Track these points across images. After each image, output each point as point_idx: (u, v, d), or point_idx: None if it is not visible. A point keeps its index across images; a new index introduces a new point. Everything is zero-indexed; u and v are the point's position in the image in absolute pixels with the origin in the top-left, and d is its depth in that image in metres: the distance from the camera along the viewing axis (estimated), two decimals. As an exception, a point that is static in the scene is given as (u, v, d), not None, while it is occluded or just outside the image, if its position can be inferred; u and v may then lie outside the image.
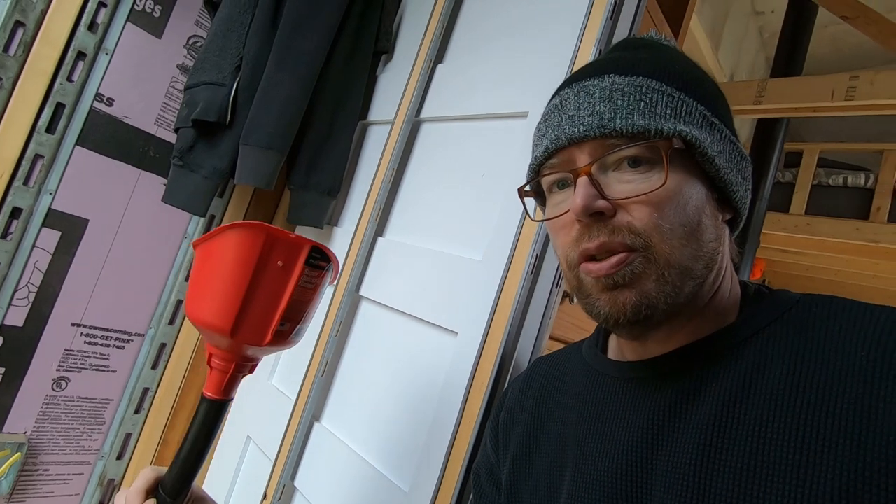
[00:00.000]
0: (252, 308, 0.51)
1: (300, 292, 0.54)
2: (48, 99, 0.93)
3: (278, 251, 0.52)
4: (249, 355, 0.55)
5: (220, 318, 0.50)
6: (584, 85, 0.42)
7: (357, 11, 1.14)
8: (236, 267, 0.51)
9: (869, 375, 0.33)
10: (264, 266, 0.51)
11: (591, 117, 0.40)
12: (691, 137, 0.39)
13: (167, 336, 1.15)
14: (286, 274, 0.53)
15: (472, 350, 0.76)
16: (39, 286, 0.98)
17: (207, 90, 1.00)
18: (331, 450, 0.93)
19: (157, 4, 1.05)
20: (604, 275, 0.40)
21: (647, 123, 0.39)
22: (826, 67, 3.37)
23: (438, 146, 1.01)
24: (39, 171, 0.95)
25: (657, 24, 1.18)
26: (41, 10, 0.91)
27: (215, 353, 0.54)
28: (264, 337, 0.52)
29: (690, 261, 0.40)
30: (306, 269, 0.53)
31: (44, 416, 1.02)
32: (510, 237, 0.77)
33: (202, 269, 0.54)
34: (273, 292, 0.52)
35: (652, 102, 0.40)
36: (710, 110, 0.42)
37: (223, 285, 0.51)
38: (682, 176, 0.40)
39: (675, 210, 0.39)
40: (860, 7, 2.15)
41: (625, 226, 0.39)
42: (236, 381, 0.55)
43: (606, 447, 0.44)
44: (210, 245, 0.53)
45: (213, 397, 0.54)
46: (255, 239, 0.51)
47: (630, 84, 0.40)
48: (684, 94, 0.41)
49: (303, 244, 0.53)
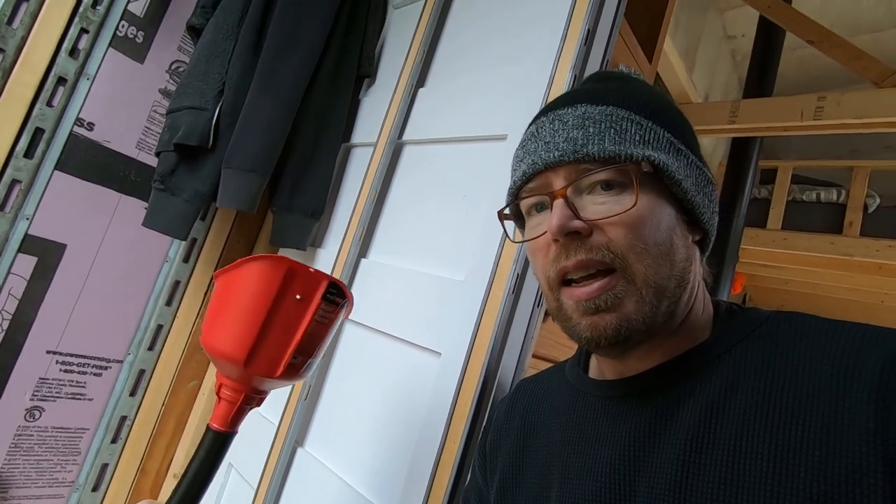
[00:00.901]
0: (267, 339, 0.51)
1: (315, 326, 0.54)
2: (27, 124, 0.93)
3: (297, 284, 0.53)
4: (259, 387, 0.55)
5: (235, 347, 0.51)
6: (558, 113, 0.45)
7: (339, 37, 1.16)
8: (255, 298, 0.52)
9: (835, 389, 0.35)
10: (282, 298, 0.52)
11: (566, 143, 0.42)
12: (659, 162, 0.41)
13: (146, 362, 1.13)
14: (303, 307, 0.53)
15: (456, 370, 0.76)
16: (14, 313, 0.96)
17: (190, 114, 1.00)
18: (314, 475, 0.91)
19: (140, 30, 1.06)
20: (585, 299, 0.41)
21: (617, 149, 0.41)
22: (796, 88, 3.51)
23: (420, 168, 1.02)
24: (17, 197, 0.94)
25: (631, 48, 1.22)
26: (21, 36, 0.91)
27: (225, 384, 0.54)
28: (276, 369, 0.52)
29: (665, 280, 0.41)
30: (323, 303, 0.54)
31: (16, 448, 0.98)
32: (491, 257, 0.78)
33: (221, 300, 0.54)
34: (288, 325, 0.53)
35: (622, 129, 0.42)
36: (676, 137, 0.44)
37: (241, 315, 0.52)
38: (653, 198, 0.42)
39: (649, 230, 0.41)
40: (824, 32, 2.25)
41: (603, 245, 0.41)
42: (244, 413, 0.55)
43: (590, 466, 0.44)
44: (231, 276, 0.54)
45: (220, 429, 0.54)
46: (276, 271, 0.52)
47: (601, 112, 0.42)
48: (652, 122, 0.43)
49: (321, 279, 0.54)
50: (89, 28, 0.98)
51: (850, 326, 0.38)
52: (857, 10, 3.02)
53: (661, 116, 0.44)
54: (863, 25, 3.11)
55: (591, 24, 0.82)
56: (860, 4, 2.99)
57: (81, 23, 0.97)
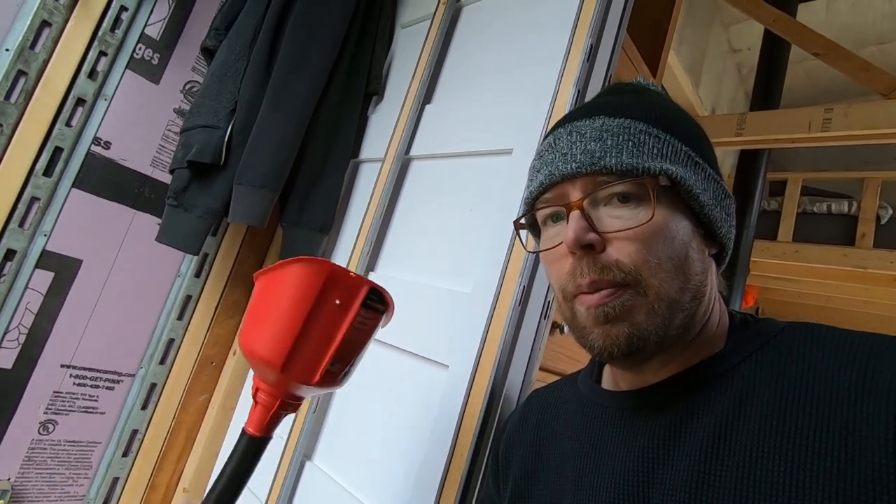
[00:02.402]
0: (305, 345, 0.50)
1: (353, 333, 0.53)
2: (46, 143, 0.96)
3: (338, 289, 0.51)
4: (296, 393, 0.54)
5: (273, 351, 0.50)
6: (576, 125, 0.45)
7: (348, 56, 1.19)
8: (295, 301, 0.50)
9: (852, 398, 0.35)
10: (322, 303, 0.51)
11: (583, 155, 0.43)
12: (676, 176, 0.41)
13: (158, 376, 1.14)
14: (342, 313, 0.52)
15: (463, 383, 0.76)
16: (30, 328, 0.98)
17: (203, 133, 1.03)
18: (323, 489, 0.91)
19: (156, 52, 1.10)
20: (595, 304, 0.41)
21: (635, 162, 0.41)
22: (802, 100, 3.51)
23: (427, 183, 1.04)
24: (35, 214, 0.96)
25: (634, 63, 1.24)
26: (43, 59, 0.94)
27: (262, 388, 0.53)
28: (314, 376, 0.51)
29: (678, 293, 0.41)
30: (362, 310, 0.53)
31: (29, 462, 1.00)
32: (498, 269, 0.79)
33: (260, 302, 0.53)
34: (327, 331, 0.51)
35: (639, 143, 0.42)
36: (694, 151, 0.44)
37: (279, 319, 0.51)
38: (669, 212, 0.42)
39: (663, 244, 0.41)
40: (830, 44, 2.26)
41: (613, 264, 0.41)
42: (279, 418, 0.54)
43: (603, 478, 0.44)
44: (271, 277, 0.53)
45: (255, 434, 0.53)
46: (317, 274, 0.51)
47: (619, 125, 0.43)
48: (670, 136, 0.43)
49: (362, 285, 0.53)
50: (108, 51, 1.02)
51: (866, 336, 0.38)
52: (863, 23, 3.03)
53: (679, 129, 0.44)
54: (868, 37, 3.11)
55: (594, 40, 0.84)
56: (866, 17, 3.00)
57: (100, 46, 1.00)
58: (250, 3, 1.11)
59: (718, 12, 3.29)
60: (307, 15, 1.11)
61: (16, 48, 0.91)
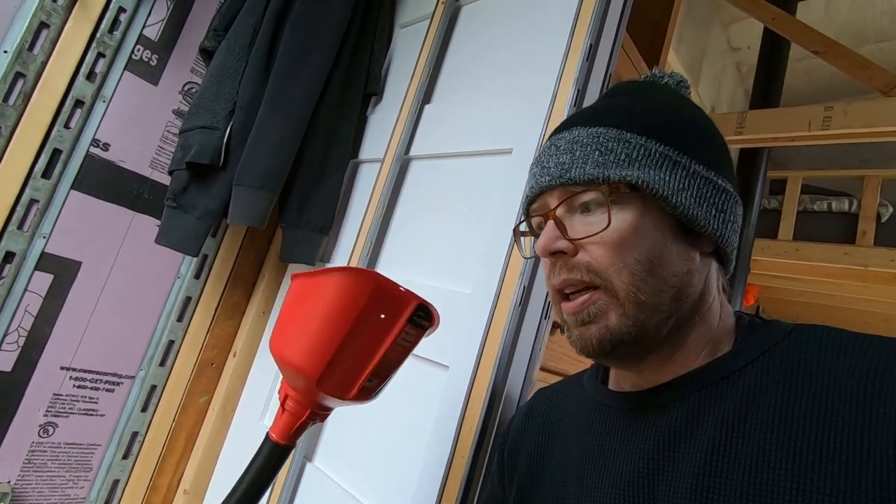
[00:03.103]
0: (343, 360, 0.48)
1: (395, 350, 0.50)
2: (45, 145, 0.96)
3: (384, 304, 0.49)
4: (326, 405, 0.51)
5: (309, 364, 0.47)
6: (554, 139, 0.48)
7: (347, 56, 1.19)
8: (337, 313, 0.48)
9: (860, 402, 0.34)
10: (366, 318, 0.48)
11: (555, 168, 0.45)
12: (637, 180, 0.42)
13: (158, 378, 1.14)
14: (386, 329, 0.49)
15: (464, 383, 0.76)
16: (29, 330, 0.98)
17: (202, 134, 1.03)
18: (323, 490, 0.91)
19: (155, 54, 1.09)
20: (572, 311, 0.44)
21: (596, 172, 0.43)
22: (802, 98, 3.51)
23: (427, 183, 1.03)
24: (34, 216, 0.96)
25: (634, 63, 1.24)
26: (41, 61, 0.94)
27: (291, 396, 0.50)
28: (349, 391, 0.49)
29: (652, 295, 0.42)
30: (407, 326, 0.50)
31: (29, 464, 0.99)
32: (498, 270, 0.79)
33: (297, 307, 0.50)
34: (368, 347, 0.49)
35: (606, 151, 0.43)
36: (676, 149, 0.43)
37: (319, 329, 0.48)
38: (636, 215, 0.43)
39: (630, 248, 0.42)
40: (829, 42, 2.26)
41: (583, 265, 0.43)
42: (306, 427, 0.51)
43: (607, 479, 0.44)
44: (313, 283, 0.50)
45: (280, 441, 0.50)
46: (364, 287, 0.48)
47: (590, 135, 0.45)
48: (645, 138, 0.43)
49: (410, 300, 0.50)
50: (106, 52, 1.01)
51: (874, 340, 0.38)
52: (862, 21, 3.03)
53: (660, 130, 0.44)
54: (868, 35, 3.11)
55: (593, 39, 0.83)
56: (865, 14, 3.00)
57: (98, 47, 1.00)
58: (249, 4, 1.11)
59: (718, 11, 3.29)
60: (306, 15, 1.11)
61: (14, 50, 0.91)
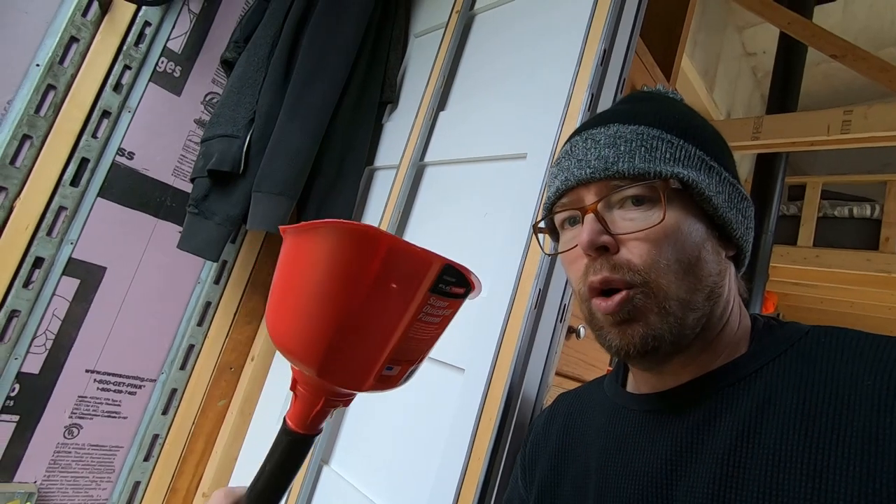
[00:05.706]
0: (348, 344, 0.37)
1: (419, 328, 0.38)
2: (74, 154, 0.99)
3: (397, 269, 0.36)
4: (343, 392, 0.42)
5: (306, 349, 0.37)
6: (591, 133, 0.47)
7: (363, 65, 1.22)
8: (333, 283, 0.36)
9: (877, 405, 0.34)
10: (373, 289, 0.36)
11: (597, 161, 0.44)
12: (688, 179, 0.42)
13: (178, 381, 1.16)
14: (403, 302, 0.37)
15: (480, 386, 0.76)
16: (57, 333, 1.00)
17: (222, 142, 1.05)
18: (340, 493, 0.92)
19: (178, 65, 1.13)
20: (609, 312, 0.42)
21: (646, 166, 0.42)
22: (820, 103, 3.46)
23: (442, 188, 1.05)
24: (62, 223, 0.99)
25: (647, 67, 1.24)
26: (71, 73, 0.98)
27: (301, 381, 0.41)
28: (363, 381, 0.39)
29: (689, 293, 0.42)
30: (431, 297, 0.37)
31: (54, 465, 1.02)
32: (513, 273, 0.79)
33: (289, 273, 0.39)
34: (381, 326, 0.37)
35: (652, 148, 0.43)
36: (708, 155, 0.45)
37: (311, 304, 0.37)
38: (681, 214, 0.43)
39: (673, 246, 0.42)
40: (848, 46, 2.23)
41: (625, 263, 0.42)
42: (325, 415, 0.42)
43: (627, 479, 0.45)
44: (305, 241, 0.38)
45: (296, 430, 0.41)
46: (366, 248, 0.35)
47: (632, 132, 0.44)
48: (683, 140, 0.44)
49: (431, 262, 0.37)
50: (132, 65, 1.05)
51: (892, 340, 0.37)
52: (881, 24, 2.99)
53: (694, 135, 0.45)
54: (887, 38, 3.06)
55: (607, 45, 0.84)
56: (884, 18, 2.96)
57: (125, 60, 1.04)
58: (268, 17, 1.14)
59: (732, 16, 3.27)
60: (323, 27, 1.13)
61: (45, 63, 0.94)
